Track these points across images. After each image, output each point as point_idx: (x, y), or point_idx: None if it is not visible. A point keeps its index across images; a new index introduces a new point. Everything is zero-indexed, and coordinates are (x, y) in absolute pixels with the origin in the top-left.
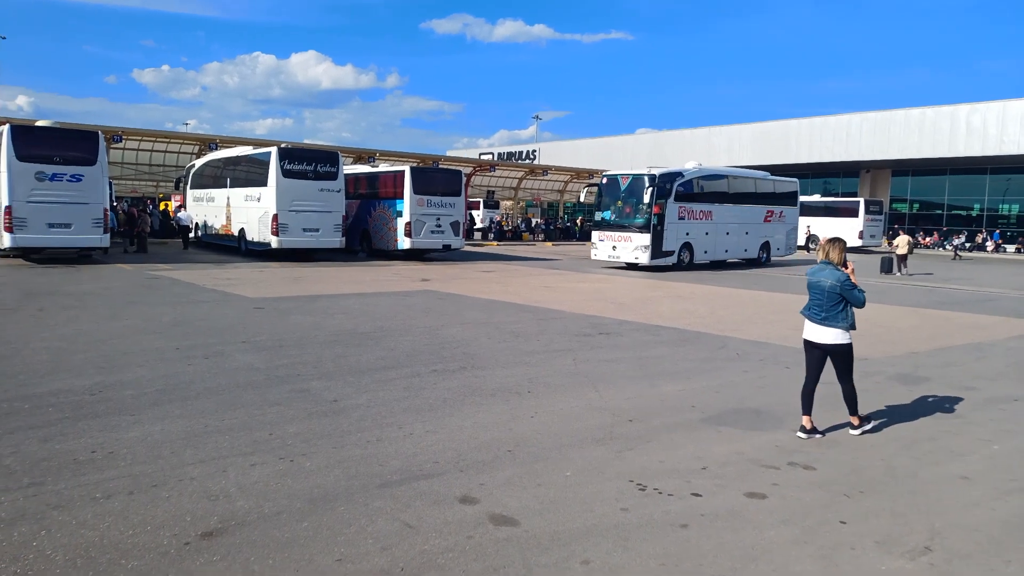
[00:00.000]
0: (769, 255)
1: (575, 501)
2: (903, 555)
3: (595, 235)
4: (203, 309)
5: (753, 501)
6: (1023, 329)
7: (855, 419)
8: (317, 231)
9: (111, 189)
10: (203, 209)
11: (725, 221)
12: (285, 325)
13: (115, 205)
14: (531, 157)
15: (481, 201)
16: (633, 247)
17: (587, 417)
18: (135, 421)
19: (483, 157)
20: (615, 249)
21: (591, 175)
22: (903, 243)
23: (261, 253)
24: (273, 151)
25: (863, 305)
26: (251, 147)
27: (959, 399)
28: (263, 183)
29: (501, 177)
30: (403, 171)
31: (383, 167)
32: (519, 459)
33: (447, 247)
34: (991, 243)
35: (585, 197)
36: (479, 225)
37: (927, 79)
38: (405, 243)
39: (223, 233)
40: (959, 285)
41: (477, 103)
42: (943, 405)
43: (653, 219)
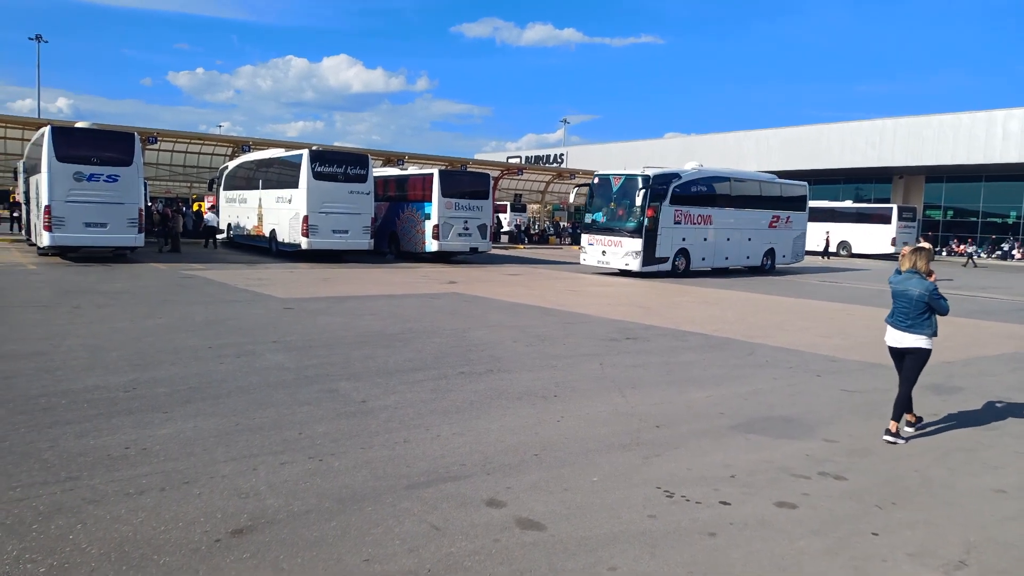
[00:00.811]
0: (773, 263)
1: (602, 507)
2: (937, 568)
3: (584, 238)
4: (235, 308)
5: (783, 510)
6: None
7: (911, 416)
8: (346, 233)
9: (146, 189)
10: (235, 210)
11: (726, 226)
12: (315, 325)
13: (150, 205)
14: (559, 161)
15: (508, 204)
16: (623, 252)
17: (614, 422)
18: (168, 418)
19: (511, 160)
20: (604, 254)
21: None
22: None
23: (291, 254)
24: (304, 153)
25: (947, 313)
26: (283, 149)
27: (993, 410)
28: (294, 185)
29: (529, 180)
30: (432, 174)
31: (412, 170)
32: (546, 463)
33: (474, 250)
34: (1018, 251)
35: (575, 198)
36: (506, 228)
37: (962, 82)
38: (433, 245)
39: (254, 234)
40: (989, 294)
41: (506, 106)
42: (977, 416)
43: (646, 223)
